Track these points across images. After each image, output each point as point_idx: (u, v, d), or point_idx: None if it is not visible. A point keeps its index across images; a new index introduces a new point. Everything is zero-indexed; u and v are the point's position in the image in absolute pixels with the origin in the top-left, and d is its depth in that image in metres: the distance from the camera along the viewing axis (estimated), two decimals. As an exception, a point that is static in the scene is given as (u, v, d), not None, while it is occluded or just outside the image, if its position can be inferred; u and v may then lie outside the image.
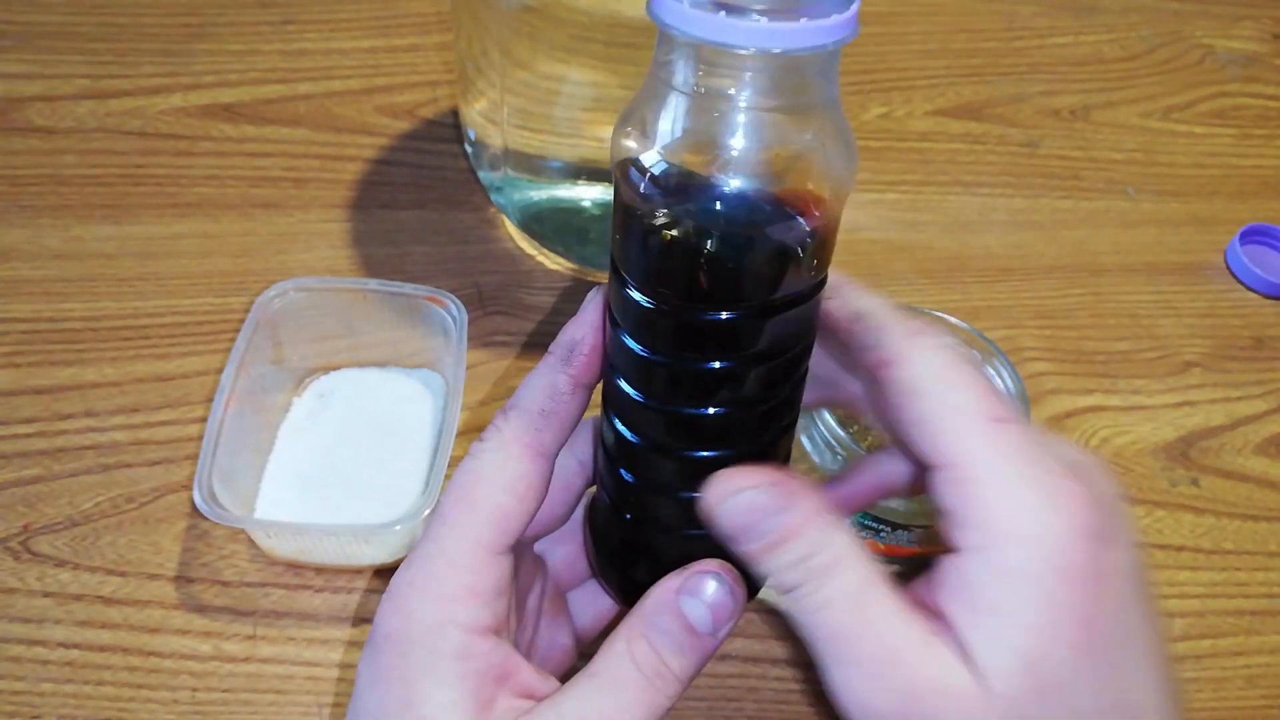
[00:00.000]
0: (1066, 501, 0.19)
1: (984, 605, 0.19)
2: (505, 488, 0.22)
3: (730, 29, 0.17)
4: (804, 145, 0.19)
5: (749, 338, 0.20)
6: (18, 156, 0.48)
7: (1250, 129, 0.57)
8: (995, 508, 0.19)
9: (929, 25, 0.60)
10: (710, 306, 0.19)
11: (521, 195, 0.42)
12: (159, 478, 0.37)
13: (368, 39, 0.55)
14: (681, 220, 0.19)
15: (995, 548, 0.19)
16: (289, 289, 0.37)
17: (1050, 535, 0.19)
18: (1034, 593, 0.19)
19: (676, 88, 0.18)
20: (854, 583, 0.20)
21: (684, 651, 0.21)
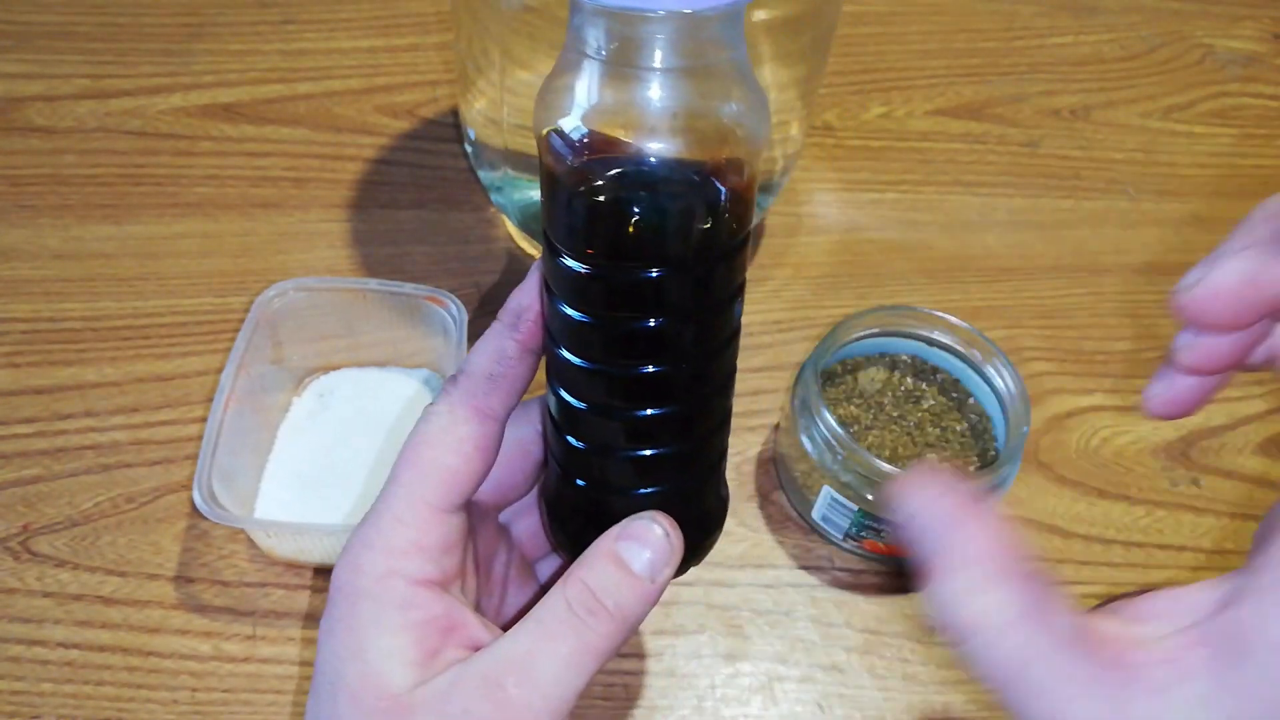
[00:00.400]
0: None
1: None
2: (451, 448, 0.23)
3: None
4: (714, 105, 0.19)
5: (673, 294, 0.20)
6: (18, 156, 0.48)
7: (1251, 129, 0.57)
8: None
9: (929, 25, 0.60)
10: (633, 266, 0.20)
11: (521, 195, 0.42)
12: (159, 478, 0.37)
13: (368, 39, 0.55)
14: (601, 183, 0.19)
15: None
16: (289, 289, 0.37)
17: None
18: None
19: (589, 55, 0.19)
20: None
21: (620, 591, 0.22)
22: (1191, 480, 0.41)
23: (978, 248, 0.49)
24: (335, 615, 0.22)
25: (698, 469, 0.24)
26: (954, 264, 0.48)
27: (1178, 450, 0.42)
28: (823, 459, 0.34)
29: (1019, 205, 0.51)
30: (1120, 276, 0.49)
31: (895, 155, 0.53)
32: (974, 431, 0.37)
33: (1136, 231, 0.51)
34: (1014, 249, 0.49)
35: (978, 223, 0.50)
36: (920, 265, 0.48)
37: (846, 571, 0.37)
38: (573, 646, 0.21)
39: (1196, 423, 0.43)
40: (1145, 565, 0.39)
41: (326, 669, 0.22)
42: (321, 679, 0.22)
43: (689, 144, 0.19)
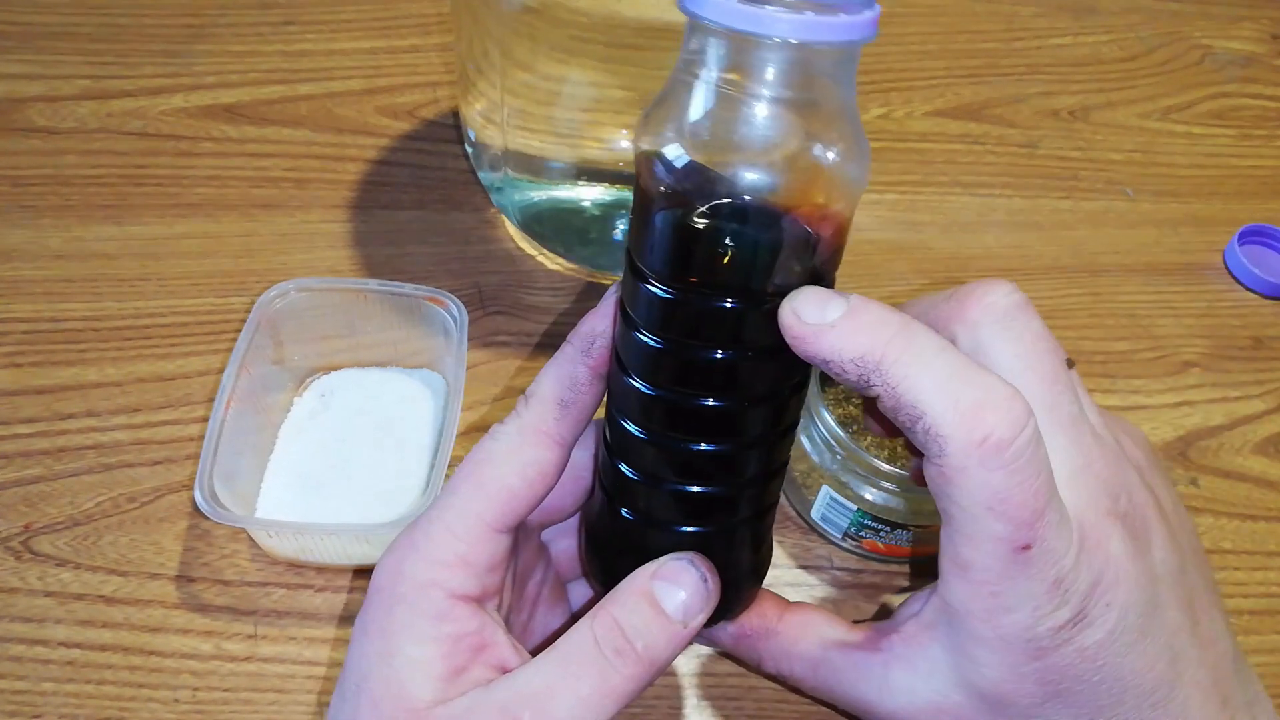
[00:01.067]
0: (1042, 610, 0.21)
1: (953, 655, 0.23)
2: (516, 470, 0.23)
3: (756, 18, 0.17)
4: (820, 144, 0.19)
5: (754, 330, 0.20)
6: (19, 157, 0.48)
7: (1249, 129, 0.57)
8: (987, 617, 0.21)
9: (928, 26, 0.60)
10: (718, 296, 0.20)
11: (522, 196, 0.43)
12: (160, 477, 0.38)
13: (368, 40, 0.55)
14: (697, 213, 0.19)
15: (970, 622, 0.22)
16: (290, 289, 0.37)
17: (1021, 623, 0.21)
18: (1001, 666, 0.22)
19: (701, 81, 0.19)
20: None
21: (650, 633, 0.21)
22: (1190, 480, 0.42)
23: (977, 248, 0.49)
24: (370, 616, 0.22)
25: (746, 514, 0.23)
26: (953, 264, 0.48)
27: (1176, 450, 0.42)
28: (822, 459, 0.34)
29: (1018, 206, 0.51)
30: (1119, 277, 0.49)
31: (894, 156, 0.53)
32: (973, 431, 0.37)
33: (1135, 232, 0.51)
34: (1013, 249, 0.49)
35: (977, 223, 0.50)
36: (919, 266, 0.48)
37: (846, 571, 0.37)
38: (594, 686, 0.21)
39: (1195, 422, 0.43)
40: (1144, 565, 0.39)
41: (354, 668, 0.22)
42: (348, 677, 0.22)
43: (790, 180, 0.19)
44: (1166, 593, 0.22)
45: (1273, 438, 0.43)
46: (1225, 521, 0.40)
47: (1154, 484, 0.24)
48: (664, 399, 0.22)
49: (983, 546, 0.21)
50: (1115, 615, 0.21)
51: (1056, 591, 0.21)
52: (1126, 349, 0.46)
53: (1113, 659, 0.22)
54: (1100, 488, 0.22)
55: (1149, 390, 0.44)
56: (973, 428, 0.20)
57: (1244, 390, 0.45)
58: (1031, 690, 0.21)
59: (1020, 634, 0.21)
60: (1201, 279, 0.49)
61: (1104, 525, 0.22)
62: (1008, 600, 0.21)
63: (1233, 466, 0.42)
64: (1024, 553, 0.20)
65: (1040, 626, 0.21)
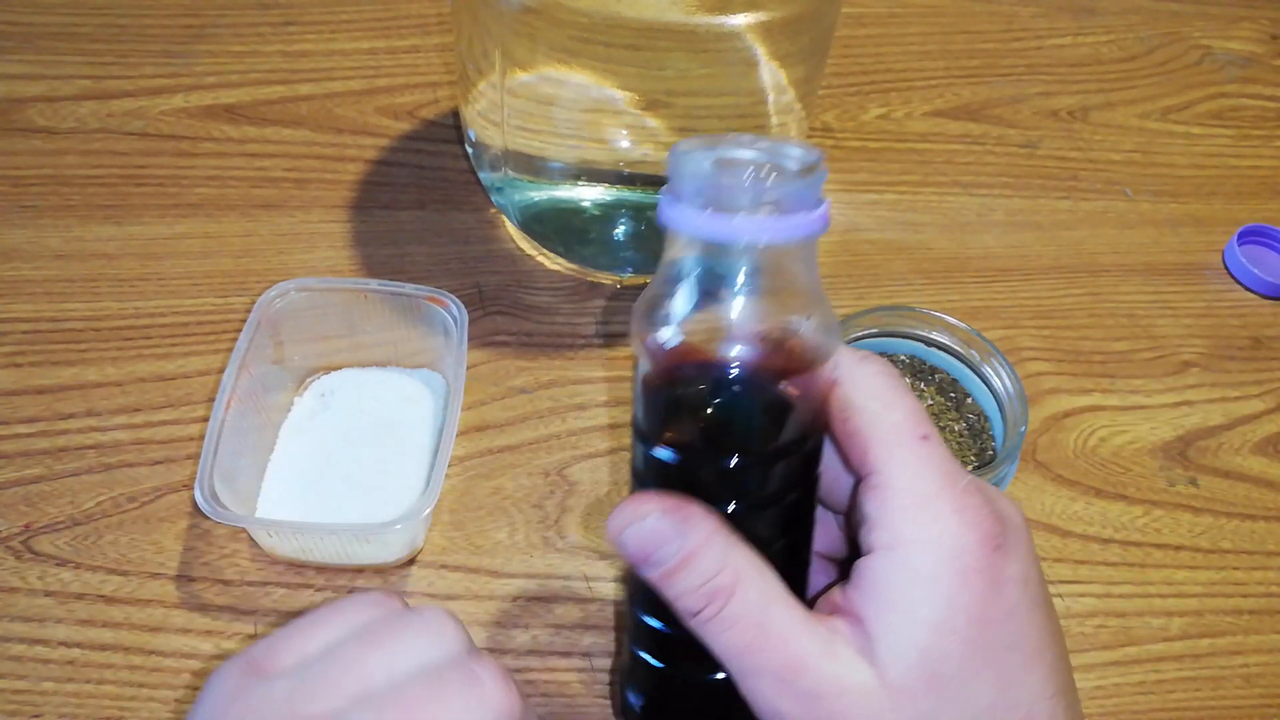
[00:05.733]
0: (971, 514, 0.22)
1: (888, 602, 0.22)
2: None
3: (727, 228, 0.20)
4: (791, 319, 0.22)
5: (754, 480, 0.23)
6: (19, 157, 0.48)
7: (1248, 129, 0.57)
8: (907, 512, 0.22)
9: (928, 27, 0.60)
10: (719, 457, 0.22)
11: (522, 196, 0.43)
12: (160, 477, 0.38)
13: (368, 40, 0.55)
14: (692, 387, 0.22)
15: (903, 548, 0.22)
16: (290, 289, 0.37)
17: (952, 540, 0.21)
18: (933, 591, 0.21)
19: (684, 276, 0.22)
20: (755, 599, 0.22)
21: None
22: (1189, 480, 0.42)
23: (976, 248, 0.49)
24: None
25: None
26: (952, 264, 0.48)
27: (1175, 450, 0.42)
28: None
29: (1017, 206, 0.52)
30: (1118, 277, 0.49)
31: (894, 156, 0.53)
32: (972, 431, 0.37)
33: (1134, 232, 0.51)
34: (1012, 249, 0.49)
35: (976, 223, 0.50)
36: (919, 266, 0.48)
37: (845, 570, 0.37)
38: None
39: (1194, 422, 0.43)
40: (1142, 564, 0.39)
41: None
42: None
43: (768, 354, 0.22)
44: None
45: (1272, 437, 0.43)
46: (1224, 521, 0.40)
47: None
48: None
49: (886, 439, 0.22)
50: (1023, 557, 0.22)
51: (972, 497, 0.22)
52: (1126, 349, 0.46)
53: (1024, 612, 0.22)
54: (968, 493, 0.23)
55: (1148, 390, 0.44)
56: (860, 360, 0.23)
57: (1243, 390, 0.45)
58: (957, 650, 0.21)
59: (951, 544, 0.21)
60: (1201, 279, 0.49)
61: (990, 503, 0.23)
62: (930, 506, 0.22)
63: (1232, 466, 0.42)
64: (924, 443, 0.22)
65: (968, 538, 0.21)
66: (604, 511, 0.38)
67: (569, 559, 0.37)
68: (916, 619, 0.21)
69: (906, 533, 0.21)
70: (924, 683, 0.21)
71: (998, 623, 0.21)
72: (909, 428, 0.22)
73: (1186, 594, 0.38)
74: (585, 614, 0.35)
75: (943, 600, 0.21)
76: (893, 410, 0.22)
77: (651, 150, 0.40)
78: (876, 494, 0.22)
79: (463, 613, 0.35)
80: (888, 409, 0.22)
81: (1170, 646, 0.37)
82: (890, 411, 0.22)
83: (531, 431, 0.40)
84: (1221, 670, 0.36)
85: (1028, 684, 0.22)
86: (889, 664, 0.21)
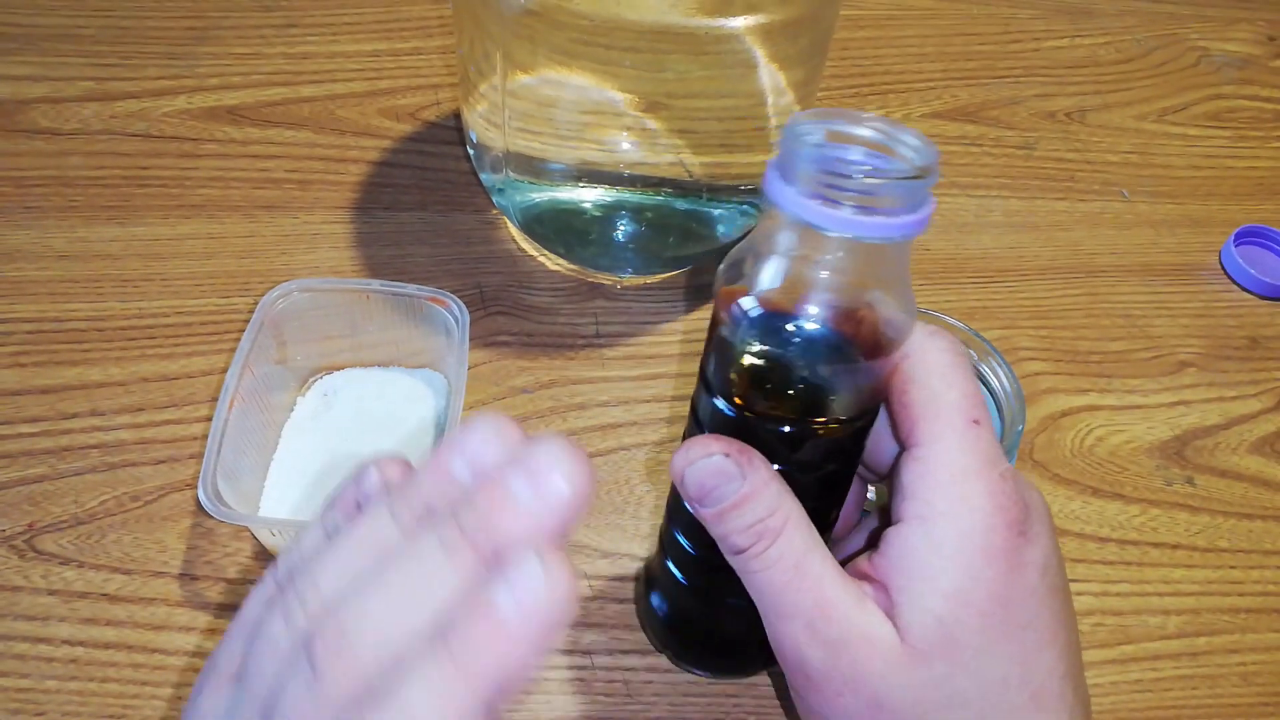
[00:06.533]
0: (1002, 498, 0.22)
1: (913, 569, 0.23)
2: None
3: (829, 218, 0.21)
4: (875, 305, 0.23)
5: (806, 447, 0.24)
6: (23, 158, 0.48)
7: (1245, 130, 0.57)
8: (943, 488, 0.23)
9: (925, 29, 0.61)
10: (779, 421, 0.24)
11: (523, 197, 0.43)
12: (164, 476, 0.38)
13: (370, 42, 0.55)
14: (765, 351, 0.23)
15: (934, 521, 0.23)
16: (293, 290, 0.37)
17: (981, 519, 0.22)
18: (957, 563, 0.22)
19: (777, 247, 0.22)
20: (798, 544, 0.23)
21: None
22: (1186, 479, 0.42)
23: (974, 249, 0.50)
24: None
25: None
26: (950, 265, 0.49)
27: (1172, 449, 0.43)
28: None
29: (1015, 207, 0.52)
30: (1115, 277, 0.49)
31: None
32: (970, 430, 0.38)
33: (1131, 233, 0.51)
34: (1010, 250, 0.50)
35: (974, 224, 0.51)
36: (917, 266, 0.48)
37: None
38: None
39: (1191, 422, 0.44)
40: (1140, 563, 0.39)
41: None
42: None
43: (845, 334, 0.23)
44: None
45: (1268, 437, 0.43)
46: (1221, 520, 0.41)
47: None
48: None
49: (941, 417, 0.23)
50: (1045, 545, 0.23)
51: (1006, 483, 0.23)
52: (1123, 349, 0.46)
53: (1042, 595, 0.23)
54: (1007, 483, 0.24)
55: (1145, 390, 0.45)
56: (929, 335, 0.24)
57: (1240, 390, 0.45)
58: (974, 622, 0.22)
59: (980, 522, 0.22)
60: (1198, 279, 0.50)
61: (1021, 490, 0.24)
62: (966, 485, 0.22)
63: (1229, 466, 0.42)
64: (974, 426, 0.23)
65: (996, 519, 0.22)
66: (605, 511, 0.38)
67: (569, 558, 0.37)
68: (938, 588, 0.22)
69: (940, 506, 0.22)
70: (940, 648, 0.22)
71: (1016, 602, 0.22)
72: (963, 409, 0.23)
73: (1184, 593, 0.38)
74: (585, 613, 0.36)
75: (965, 573, 0.22)
76: (951, 390, 0.23)
77: (651, 153, 0.40)
78: (918, 466, 0.23)
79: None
80: (948, 388, 0.23)
81: (1167, 645, 0.37)
82: (949, 391, 0.23)
83: (532, 431, 0.40)
84: (1219, 668, 0.37)
85: (1040, 663, 0.23)
86: (909, 627, 0.22)
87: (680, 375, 0.43)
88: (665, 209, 0.42)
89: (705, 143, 0.41)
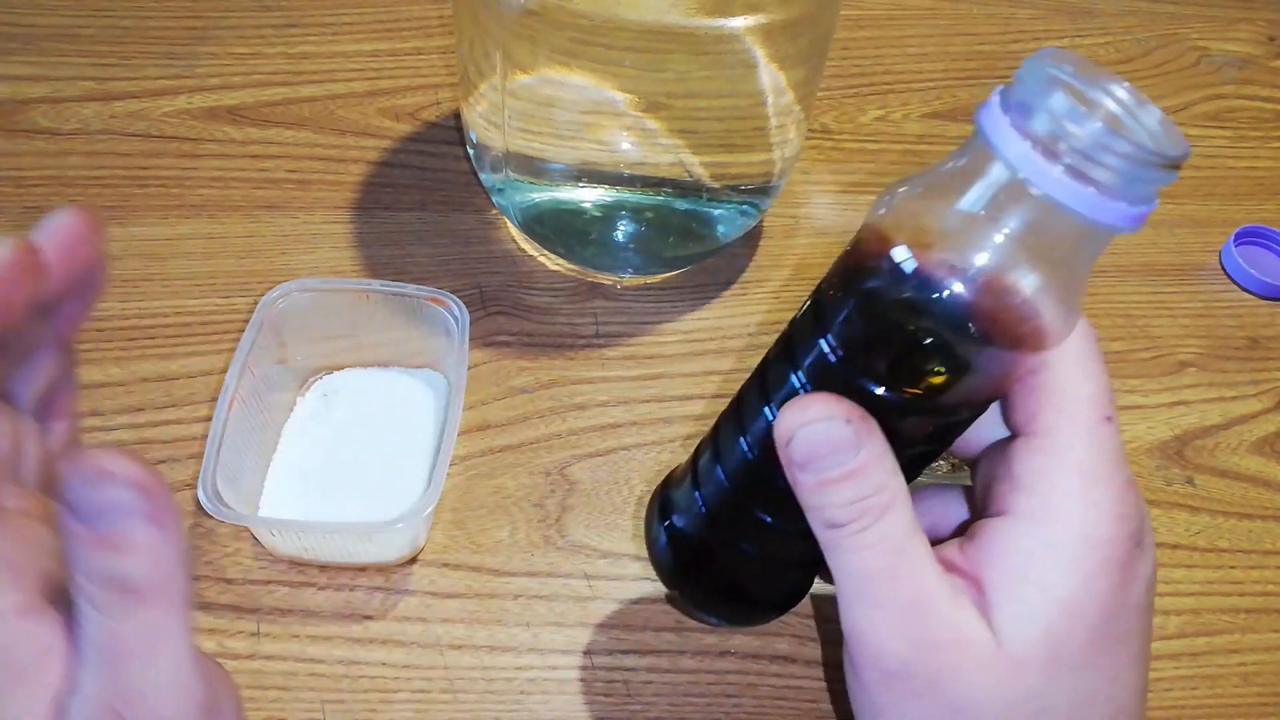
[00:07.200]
0: (1125, 507, 0.21)
1: (1020, 571, 0.21)
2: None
3: (1052, 181, 0.18)
4: (1041, 298, 0.20)
5: (915, 424, 0.22)
6: (23, 158, 0.48)
7: (1245, 131, 0.57)
8: (1071, 487, 0.21)
9: (926, 29, 0.61)
10: (900, 392, 0.21)
11: (523, 197, 0.43)
12: (163, 476, 0.38)
13: (370, 42, 0.55)
14: (913, 315, 0.20)
15: (1051, 521, 0.21)
16: (293, 290, 0.37)
17: (1106, 527, 0.20)
18: (1073, 572, 0.20)
19: (965, 203, 0.19)
20: (901, 528, 0.21)
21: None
22: (1186, 479, 0.42)
23: (975, 249, 0.49)
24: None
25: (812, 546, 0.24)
26: (951, 265, 0.49)
27: (1172, 449, 0.43)
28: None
29: (1015, 207, 0.52)
30: (1115, 277, 0.49)
31: (892, 158, 0.53)
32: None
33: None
34: (1010, 250, 0.50)
35: (975, 224, 0.51)
36: (918, 266, 0.48)
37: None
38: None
39: (1192, 422, 0.44)
40: (1140, 563, 0.39)
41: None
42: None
43: (1001, 322, 0.20)
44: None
45: (1269, 437, 0.43)
46: (1222, 520, 0.41)
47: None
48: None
49: (1072, 409, 0.21)
50: (1153, 559, 0.22)
51: (1130, 491, 0.21)
52: (1123, 349, 0.46)
53: (1142, 611, 0.21)
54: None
55: (1145, 390, 0.45)
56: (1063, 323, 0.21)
57: (1240, 390, 0.45)
58: (1083, 635, 0.20)
59: (1103, 531, 0.20)
60: (1198, 279, 0.50)
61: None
62: (1094, 491, 0.20)
63: (1229, 466, 0.42)
64: (1107, 424, 0.21)
65: (1119, 529, 0.20)
66: (605, 511, 0.38)
67: (569, 557, 0.37)
68: (1050, 595, 0.20)
69: (1061, 506, 0.21)
70: (1042, 660, 0.20)
71: (1123, 617, 0.21)
72: (1100, 404, 0.21)
73: (1184, 593, 0.38)
74: (586, 612, 0.36)
75: (1081, 583, 0.20)
76: (1090, 382, 0.22)
77: (651, 153, 0.40)
78: (1041, 459, 0.21)
79: (464, 610, 0.35)
80: (1086, 379, 0.22)
81: (1168, 645, 0.37)
82: (1087, 383, 0.22)
83: (532, 431, 0.40)
84: (1219, 669, 0.37)
85: (1129, 680, 0.22)
86: (1010, 633, 0.20)
87: (681, 375, 0.43)
88: (665, 209, 0.42)
89: (705, 143, 0.41)
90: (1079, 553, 0.20)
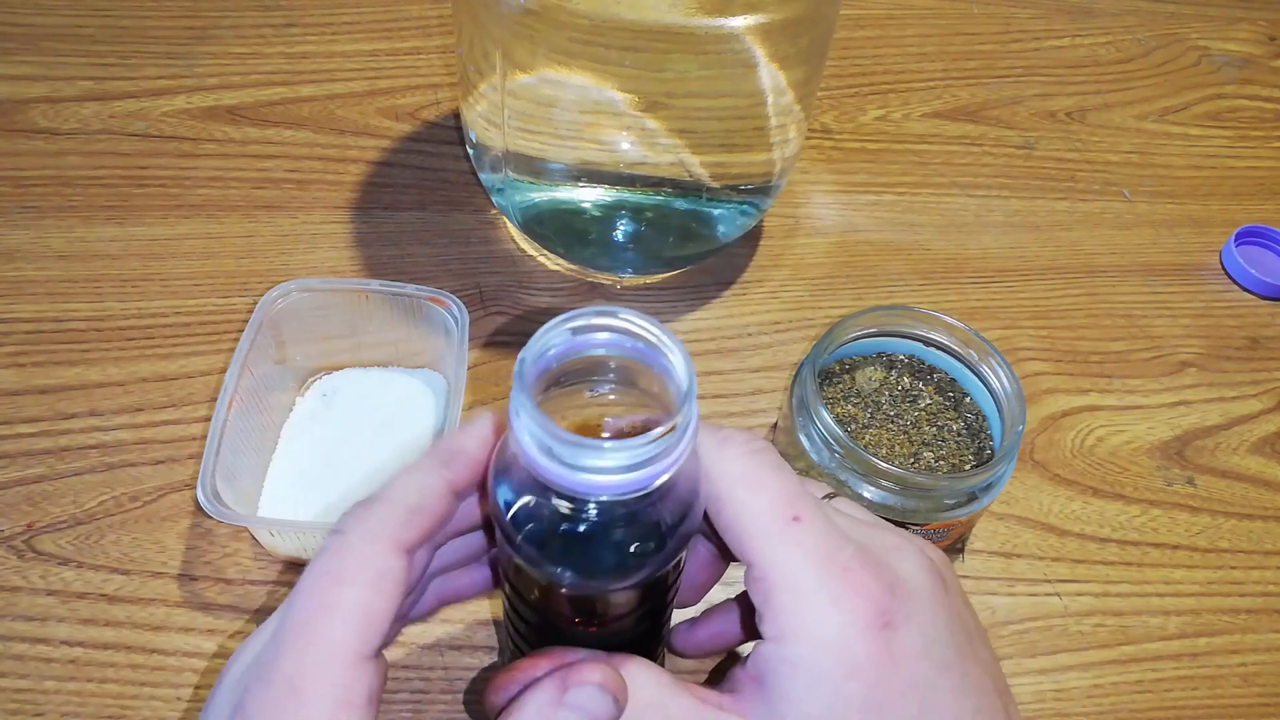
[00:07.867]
0: (852, 599, 0.21)
1: (777, 694, 0.21)
2: (371, 585, 0.20)
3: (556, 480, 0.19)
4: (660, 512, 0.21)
5: (621, 606, 0.23)
6: (22, 158, 0.48)
7: (1246, 130, 0.57)
8: (785, 606, 0.21)
9: (926, 28, 0.61)
10: (589, 611, 0.23)
11: (522, 197, 0.43)
12: (163, 476, 0.38)
13: (370, 42, 0.55)
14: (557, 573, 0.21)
15: (787, 642, 0.21)
16: (292, 289, 0.37)
17: (835, 631, 0.21)
18: (818, 686, 0.20)
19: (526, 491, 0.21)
20: (654, 697, 0.22)
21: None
22: (1186, 479, 0.42)
23: (974, 249, 0.49)
24: None
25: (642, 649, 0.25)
26: (950, 265, 0.49)
27: (1173, 450, 0.43)
28: (820, 457, 0.35)
29: (1015, 207, 0.52)
30: (1115, 277, 0.49)
31: (892, 157, 0.53)
32: (970, 430, 0.38)
33: (1132, 233, 0.51)
34: (1010, 250, 0.50)
35: (974, 224, 0.51)
36: (917, 266, 0.48)
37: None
38: None
39: (1192, 422, 0.44)
40: (1140, 564, 0.39)
41: None
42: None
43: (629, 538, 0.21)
44: (974, 632, 0.23)
45: (1269, 437, 0.43)
46: (1222, 521, 0.41)
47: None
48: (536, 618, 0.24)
49: (752, 530, 0.21)
50: (922, 623, 0.21)
51: (854, 572, 0.21)
52: (1123, 349, 0.46)
53: (930, 680, 0.21)
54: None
55: (1145, 390, 0.45)
56: (719, 444, 0.22)
57: (1240, 390, 0.45)
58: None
59: (834, 635, 0.20)
60: (1198, 279, 0.50)
61: (887, 555, 0.22)
62: (807, 598, 0.21)
63: (1229, 466, 0.42)
64: (796, 524, 0.21)
65: (850, 626, 0.20)
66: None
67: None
68: (802, 713, 0.21)
69: (789, 626, 0.21)
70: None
71: (896, 702, 0.21)
72: (779, 511, 0.21)
73: (1184, 593, 0.38)
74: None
75: (829, 694, 0.20)
76: (760, 494, 0.21)
77: (651, 153, 0.40)
78: (758, 585, 0.21)
79: (463, 609, 0.35)
80: (755, 493, 0.21)
81: (1168, 645, 0.37)
82: (757, 496, 0.21)
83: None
84: (1219, 669, 0.37)
85: (961, 711, 0.21)
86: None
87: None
88: (665, 209, 0.42)
89: (705, 143, 0.41)
90: (816, 665, 0.20)
